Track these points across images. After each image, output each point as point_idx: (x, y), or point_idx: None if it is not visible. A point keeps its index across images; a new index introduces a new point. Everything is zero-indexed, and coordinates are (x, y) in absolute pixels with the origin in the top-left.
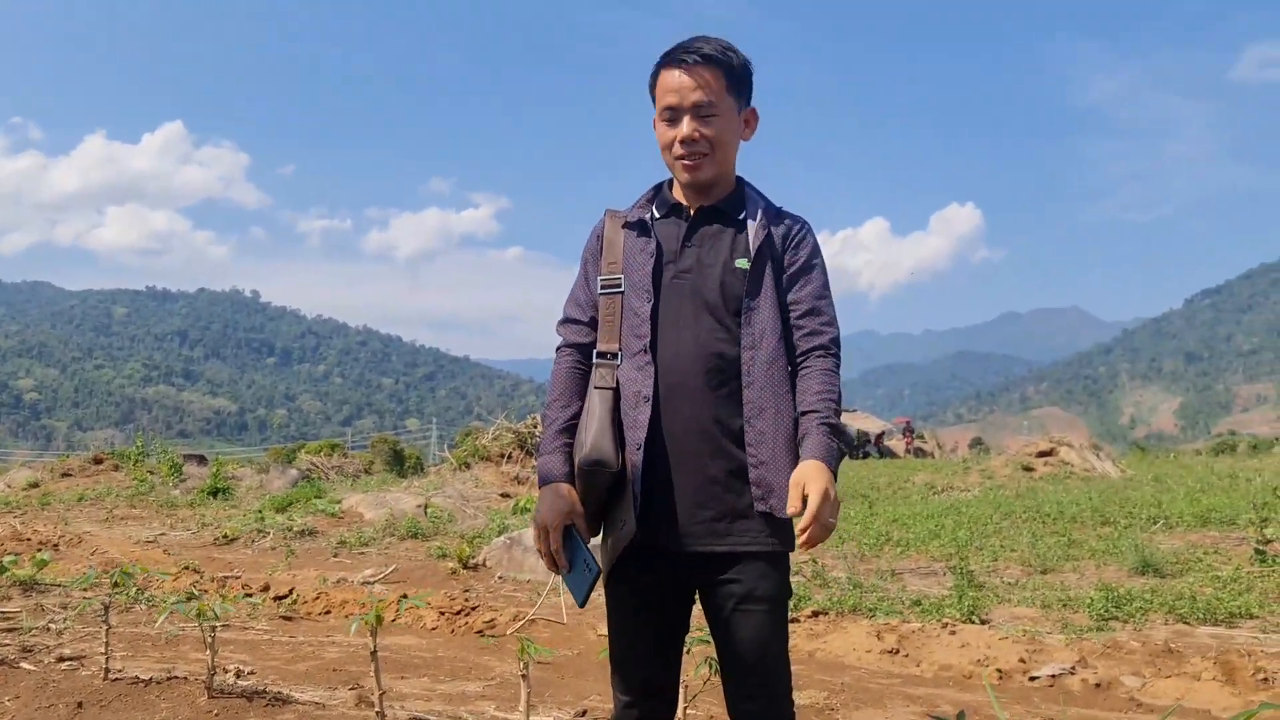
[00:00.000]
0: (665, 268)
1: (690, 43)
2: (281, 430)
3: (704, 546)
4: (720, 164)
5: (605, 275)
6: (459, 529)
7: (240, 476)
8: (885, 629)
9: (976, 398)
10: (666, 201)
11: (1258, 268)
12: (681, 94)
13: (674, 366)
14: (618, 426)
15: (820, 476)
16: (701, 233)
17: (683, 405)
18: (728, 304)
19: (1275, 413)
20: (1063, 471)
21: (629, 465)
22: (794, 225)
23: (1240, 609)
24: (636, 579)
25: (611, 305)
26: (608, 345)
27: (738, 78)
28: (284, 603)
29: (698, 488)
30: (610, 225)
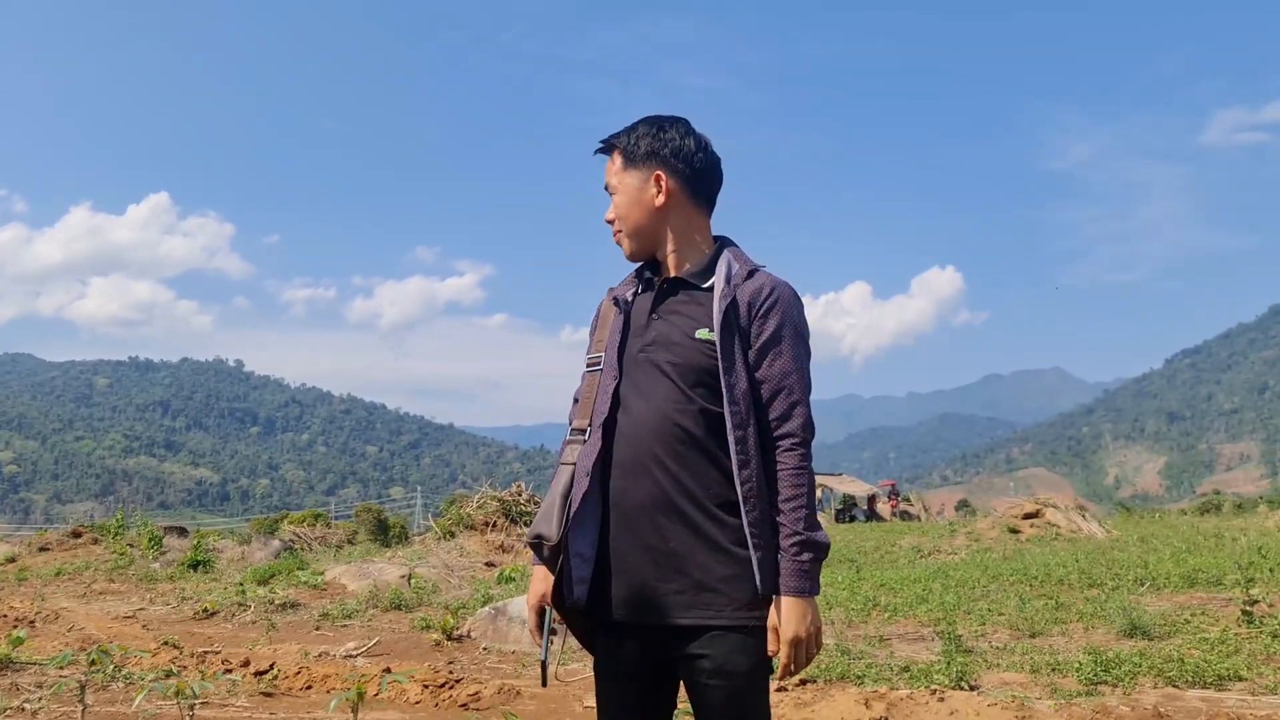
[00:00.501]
0: (633, 341)
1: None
2: (264, 500)
3: (669, 619)
4: (633, 237)
5: (591, 354)
6: (443, 599)
7: (222, 548)
8: (873, 697)
9: (962, 459)
10: (642, 275)
11: (1235, 327)
12: (605, 183)
13: (631, 438)
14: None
15: (790, 620)
16: (668, 304)
17: (641, 478)
18: (687, 375)
19: (1258, 471)
20: (1049, 533)
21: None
22: (763, 291)
23: (1229, 671)
24: (615, 652)
25: (591, 383)
26: (580, 423)
27: (630, 152)
28: (265, 678)
29: (659, 560)
30: (607, 303)
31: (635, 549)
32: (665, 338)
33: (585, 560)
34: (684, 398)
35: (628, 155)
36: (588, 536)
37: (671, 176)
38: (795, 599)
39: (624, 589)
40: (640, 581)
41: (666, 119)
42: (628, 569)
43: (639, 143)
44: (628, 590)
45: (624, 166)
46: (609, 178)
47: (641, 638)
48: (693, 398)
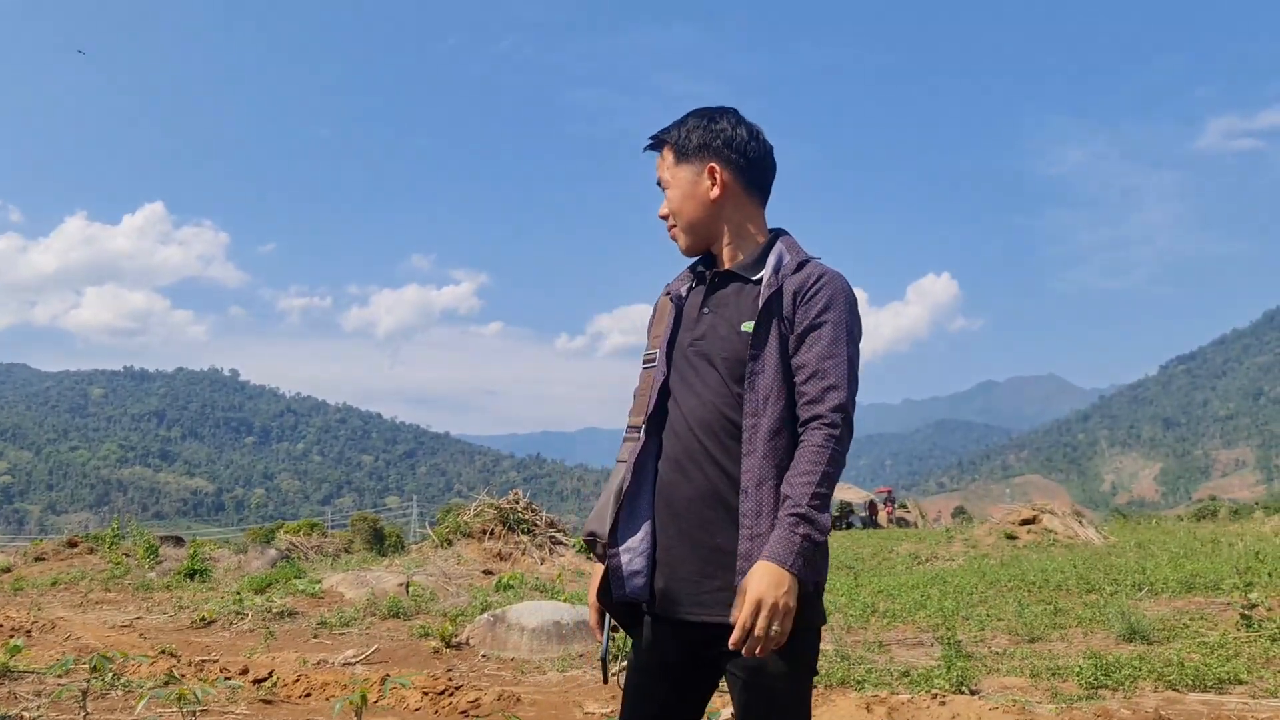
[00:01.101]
0: (683, 335)
1: (658, 131)
2: (260, 510)
3: (714, 617)
4: (688, 231)
5: (647, 351)
6: (441, 607)
7: (218, 558)
8: (874, 701)
9: (958, 466)
10: (696, 269)
11: (1230, 333)
12: (657, 178)
13: (680, 433)
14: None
15: (759, 582)
16: (718, 296)
17: (687, 470)
18: (733, 368)
19: (1254, 477)
20: (1046, 539)
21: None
22: (811, 278)
23: (1229, 675)
24: (654, 645)
25: (646, 379)
26: (635, 419)
27: (681, 146)
28: (263, 686)
29: (705, 557)
30: (662, 299)
31: (682, 544)
32: (714, 331)
33: (639, 554)
34: (729, 392)
35: (679, 149)
36: (639, 531)
37: (725, 168)
38: (773, 565)
39: (670, 584)
40: (686, 576)
41: (716, 110)
42: (674, 564)
43: (690, 136)
44: (674, 585)
45: (676, 161)
46: (661, 173)
47: (684, 633)
48: (737, 392)
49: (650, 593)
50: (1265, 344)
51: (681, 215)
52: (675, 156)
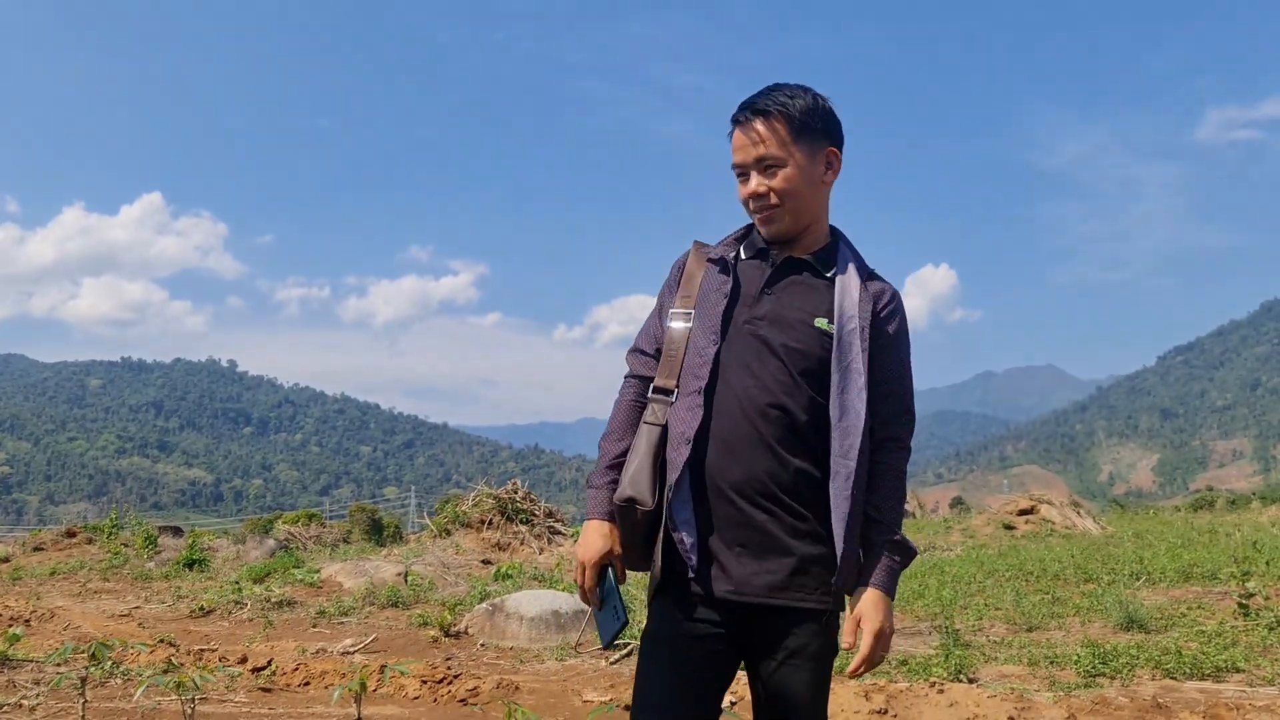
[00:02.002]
0: (739, 310)
1: (750, 99)
2: (258, 500)
3: (758, 599)
4: (796, 214)
5: (677, 308)
6: (440, 596)
7: (216, 548)
8: (873, 689)
9: (956, 457)
10: (755, 244)
11: (1228, 324)
12: (744, 152)
13: (732, 412)
14: (660, 465)
15: (877, 614)
16: (786, 281)
17: (737, 453)
18: (797, 359)
19: (1251, 467)
20: (1044, 529)
21: (665, 507)
22: (885, 293)
23: (1226, 663)
24: (683, 617)
25: (678, 341)
26: (665, 381)
27: (800, 124)
28: (262, 674)
29: (751, 538)
30: (694, 258)
31: (727, 524)
32: (780, 316)
33: (693, 528)
34: (793, 382)
35: (800, 125)
36: (688, 507)
37: (839, 155)
38: (883, 594)
39: (715, 564)
40: (730, 557)
41: (815, 91)
42: (718, 543)
43: (809, 115)
44: (716, 565)
45: (794, 137)
46: (766, 148)
47: (721, 615)
48: (800, 383)
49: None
50: (1263, 335)
51: (798, 196)
52: (792, 132)
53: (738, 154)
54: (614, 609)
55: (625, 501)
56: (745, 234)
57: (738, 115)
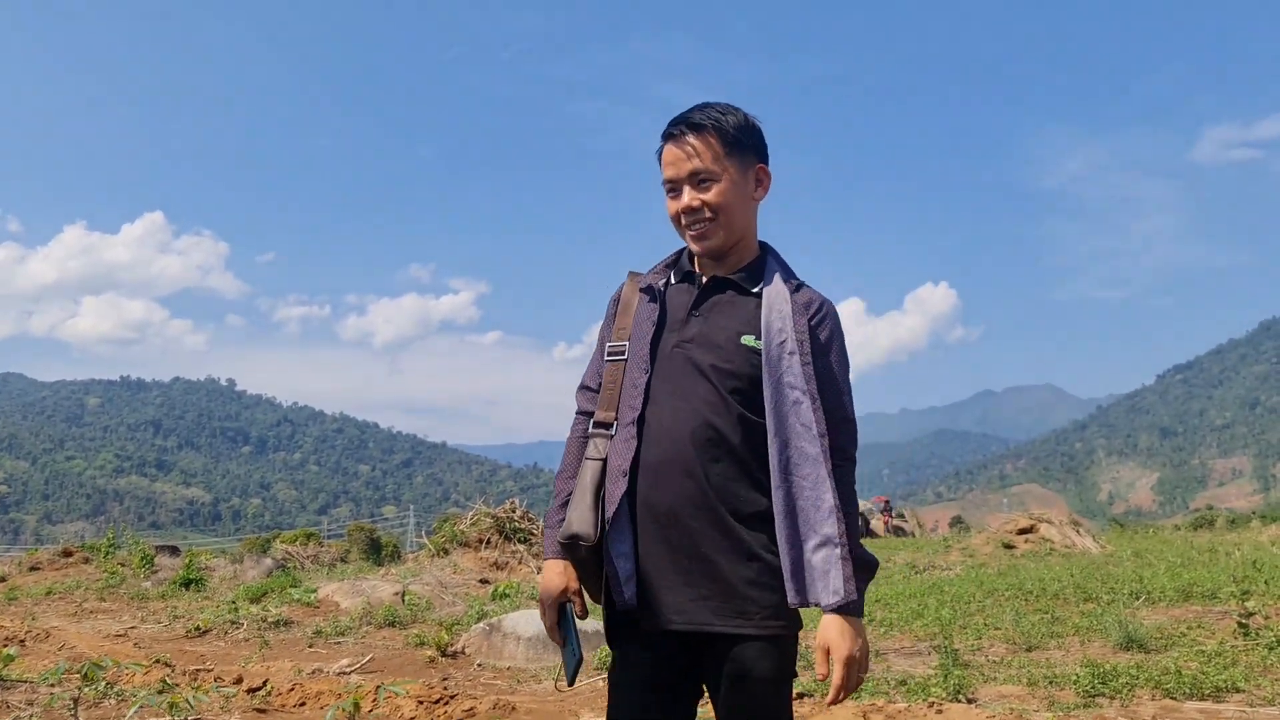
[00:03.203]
0: (668, 336)
1: (683, 114)
2: (256, 520)
3: (698, 626)
4: (729, 228)
5: (613, 341)
6: (437, 616)
7: (213, 567)
8: (871, 709)
9: (955, 476)
10: (683, 268)
11: (1226, 343)
12: (677, 166)
13: (664, 440)
14: (602, 499)
15: (844, 641)
16: (712, 302)
17: (674, 479)
18: (726, 379)
19: (1251, 486)
20: (1043, 548)
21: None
22: (814, 304)
23: (1226, 683)
24: (637, 657)
25: (614, 373)
26: (605, 415)
27: (733, 140)
28: (258, 695)
29: (691, 565)
30: (629, 288)
31: (665, 552)
32: (706, 338)
33: (629, 560)
34: (722, 401)
35: (732, 140)
36: (627, 538)
37: (768, 172)
38: (847, 617)
39: (653, 593)
40: (669, 586)
41: (744, 111)
42: (657, 573)
43: (741, 132)
44: (657, 595)
45: (727, 152)
46: (700, 162)
47: (667, 643)
48: (730, 403)
49: (636, 601)
50: (1262, 354)
51: (731, 211)
52: (725, 146)
53: (670, 169)
54: (572, 646)
55: (569, 539)
56: (675, 260)
57: (670, 130)
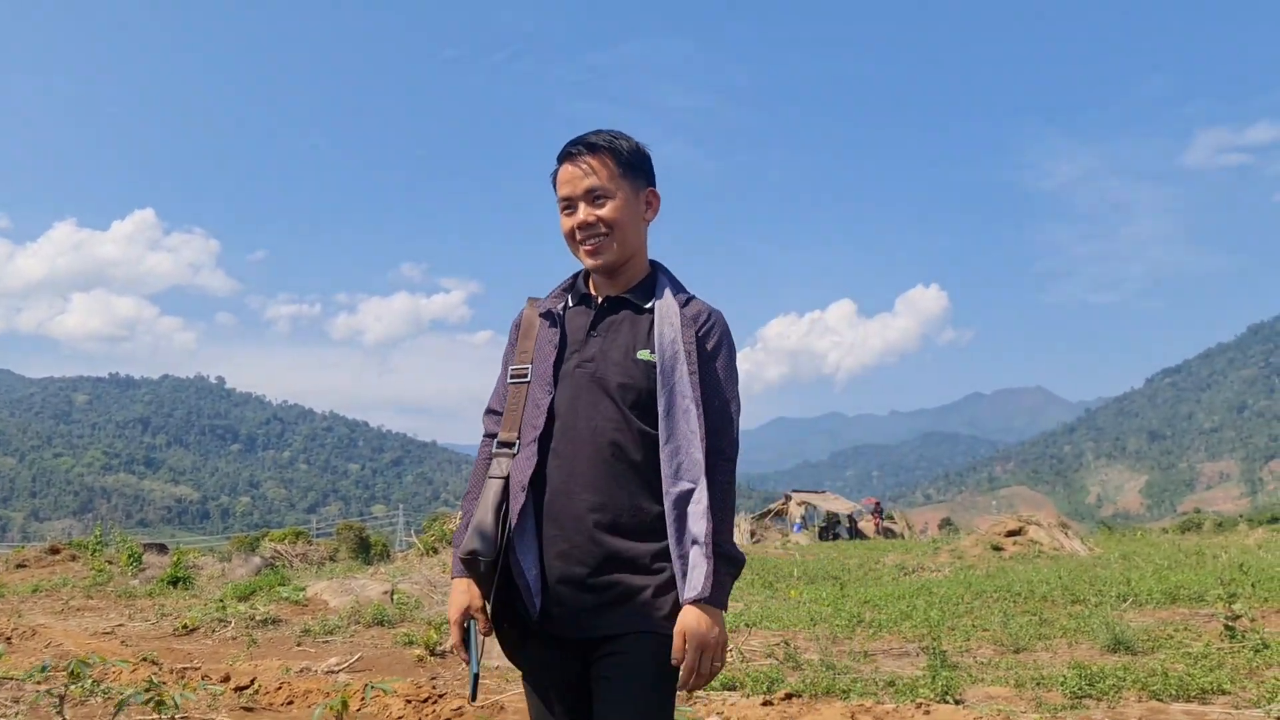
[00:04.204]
0: (569, 357)
1: (579, 137)
2: (245, 518)
3: (594, 632)
4: (622, 245)
5: (515, 365)
6: (426, 615)
7: (201, 565)
8: (859, 710)
9: (945, 478)
10: (579, 291)
11: (1215, 347)
12: (573, 184)
13: (567, 455)
14: (504, 516)
15: (699, 629)
16: (608, 321)
17: (574, 495)
18: (626, 394)
19: (1238, 490)
20: (1032, 550)
21: (509, 553)
22: (702, 315)
23: (1212, 685)
24: (542, 665)
25: (517, 394)
26: (508, 435)
27: (627, 161)
28: (245, 693)
29: (588, 574)
30: (529, 313)
31: (568, 564)
32: (606, 356)
33: (535, 570)
34: (622, 417)
35: (626, 162)
36: (531, 552)
37: (659, 196)
38: (707, 607)
39: (561, 603)
40: (571, 595)
41: (630, 136)
42: (563, 583)
43: (634, 156)
44: (560, 603)
45: (621, 173)
46: (600, 180)
47: (570, 649)
48: (630, 418)
49: (540, 612)
50: (1250, 357)
51: (624, 227)
52: (620, 168)
53: (566, 187)
54: (476, 661)
55: (468, 555)
56: (571, 284)
57: (569, 149)
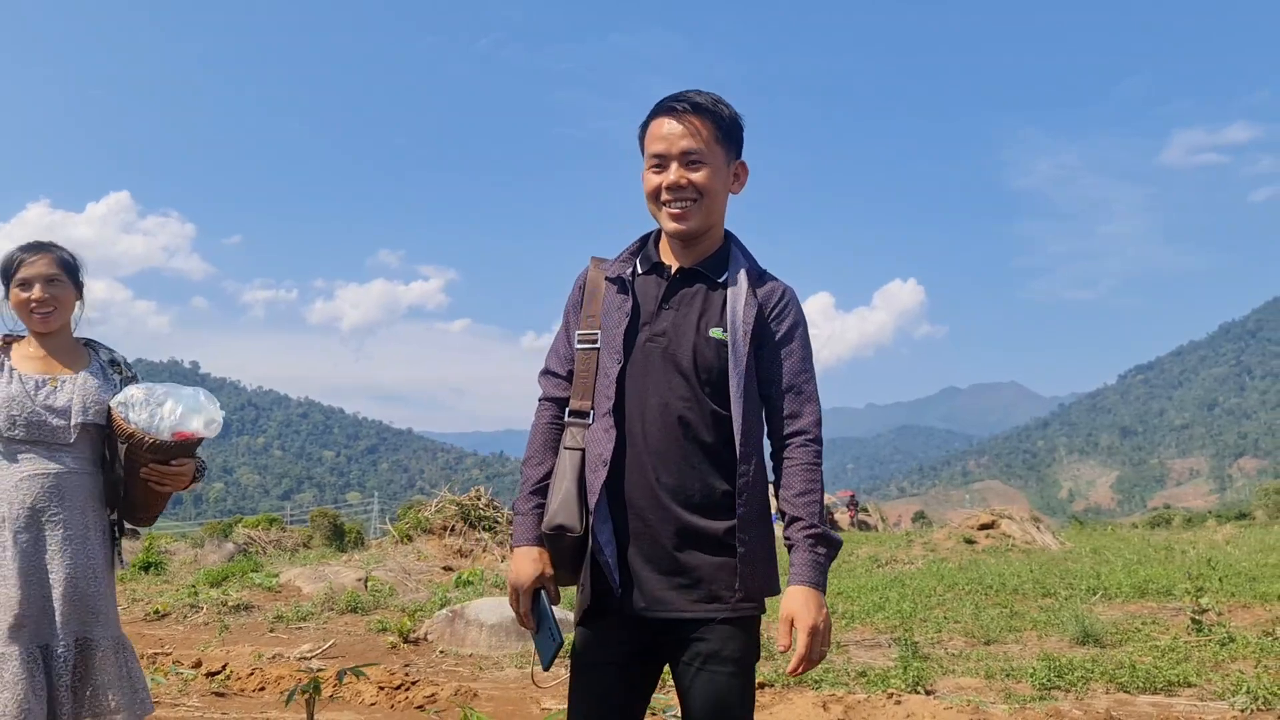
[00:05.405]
0: (641, 329)
1: (682, 93)
2: (218, 504)
3: (670, 613)
4: (708, 213)
5: (583, 330)
6: (400, 603)
7: (174, 551)
8: (831, 700)
9: (919, 471)
10: (650, 258)
11: (1187, 345)
12: (670, 141)
13: (639, 431)
14: (584, 489)
15: (808, 611)
16: (681, 294)
17: (647, 470)
18: (700, 372)
19: (1207, 486)
20: (1004, 544)
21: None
22: (776, 293)
23: (1179, 678)
24: (609, 639)
25: (588, 362)
26: (580, 404)
27: (727, 129)
28: (217, 679)
29: (662, 553)
30: (594, 275)
31: (642, 540)
32: (677, 331)
33: (613, 546)
34: (693, 395)
35: (724, 129)
36: (609, 527)
37: (747, 170)
38: (811, 590)
39: (632, 580)
40: (643, 573)
41: (724, 99)
42: (635, 560)
43: (733, 125)
44: (635, 582)
45: (716, 139)
46: (695, 142)
47: (636, 628)
48: (702, 396)
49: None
50: (1220, 356)
51: (714, 196)
52: (719, 134)
53: (661, 143)
54: (549, 631)
55: (554, 529)
56: (639, 248)
57: (671, 103)
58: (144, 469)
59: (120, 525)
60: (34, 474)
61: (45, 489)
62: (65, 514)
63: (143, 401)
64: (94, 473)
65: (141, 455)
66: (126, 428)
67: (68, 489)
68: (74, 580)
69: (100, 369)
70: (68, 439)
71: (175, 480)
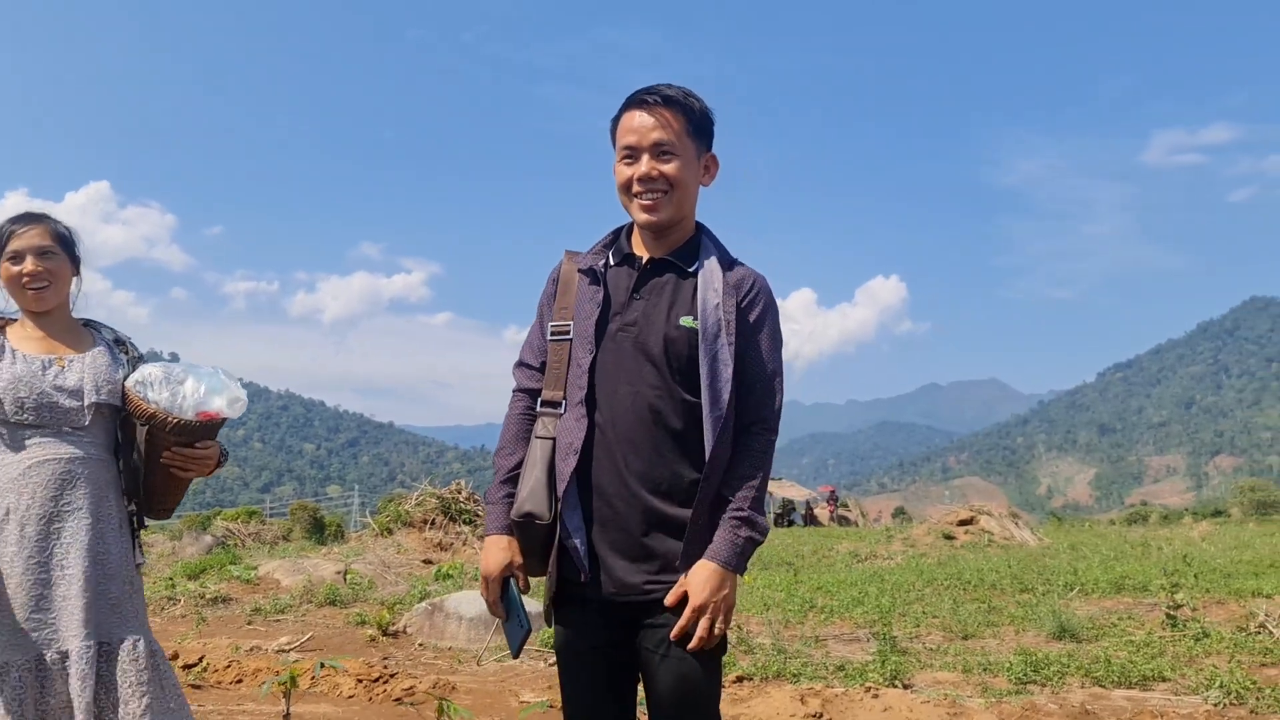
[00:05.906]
0: (612, 319)
1: (653, 86)
2: (197, 496)
3: (636, 597)
4: (678, 205)
5: (556, 321)
6: (379, 596)
7: (151, 543)
8: (809, 693)
9: (899, 467)
10: (622, 250)
11: (1165, 343)
12: (641, 134)
13: (610, 419)
14: (553, 478)
15: (705, 589)
16: (651, 284)
17: (617, 458)
18: (670, 361)
19: (1184, 484)
20: (983, 540)
21: (558, 517)
22: (746, 281)
23: (1154, 672)
24: (581, 629)
25: (560, 353)
26: (553, 394)
27: (698, 122)
28: (193, 671)
29: (630, 539)
30: (567, 267)
31: (612, 528)
32: (648, 320)
33: (582, 534)
34: (664, 384)
35: (695, 122)
36: (578, 514)
37: (718, 162)
38: (716, 566)
39: (601, 567)
40: (610, 559)
41: (695, 93)
42: (607, 547)
43: (704, 118)
44: (605, 567)
45: (688, 132)
46: (666, 134)
47: (609, 614)
48: (672, 385)
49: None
50: (1198, 354)
51: (685, 188)
52: (690, 127)
53: (632, 135)
54: (519, 619)
55: (523, 517)
56: (612, 240)
57: (643, 96)
58: (166, 453)
59: (139, 517)
60: (44, 460)
61: (57, 476)
62: (80, 504)
63: (162, 380)
64: (109, 459)
65: (165, 438)
66: (147, 408)
67: (82, 477)
68: (93, 578)
69: (108, 347)
70: (81, 421)
71: (200, 465)
